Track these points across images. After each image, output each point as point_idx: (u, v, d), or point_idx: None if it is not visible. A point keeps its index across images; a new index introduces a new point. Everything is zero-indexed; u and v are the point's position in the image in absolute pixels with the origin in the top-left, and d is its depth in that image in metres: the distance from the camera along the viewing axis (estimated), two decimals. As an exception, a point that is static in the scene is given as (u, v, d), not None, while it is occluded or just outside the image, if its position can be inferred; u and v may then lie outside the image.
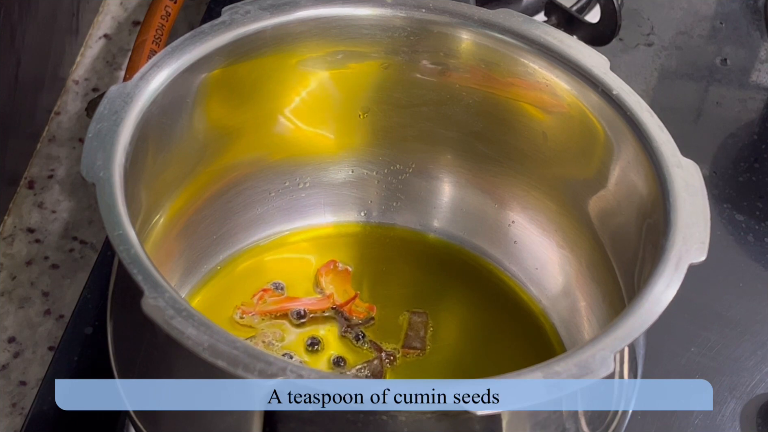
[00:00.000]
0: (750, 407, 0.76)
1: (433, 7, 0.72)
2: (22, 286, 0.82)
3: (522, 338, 0.75)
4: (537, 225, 0.76)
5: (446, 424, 0.57)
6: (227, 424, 0.60)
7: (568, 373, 0.56)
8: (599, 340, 0.58)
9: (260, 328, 0.74)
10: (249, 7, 0.70)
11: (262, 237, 0.78)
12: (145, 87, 0.66)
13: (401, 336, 0.74)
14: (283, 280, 0.76)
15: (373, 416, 0.57)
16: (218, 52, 0.68)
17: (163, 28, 0.83)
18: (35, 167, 0.88)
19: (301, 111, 0.75)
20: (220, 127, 0.72)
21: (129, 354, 0.64)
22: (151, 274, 0.58)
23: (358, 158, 0.78)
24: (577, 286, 0.74)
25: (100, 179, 0.61)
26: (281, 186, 0.78)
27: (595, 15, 0.87)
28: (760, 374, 0.78)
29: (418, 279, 0.77)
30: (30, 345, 0.79)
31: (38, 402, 0.75)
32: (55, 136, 0.89)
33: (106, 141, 0.63)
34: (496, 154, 0.75)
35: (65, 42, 0.92)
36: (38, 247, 0.84)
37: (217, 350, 0.55)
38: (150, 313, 0.56)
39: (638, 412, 0.67)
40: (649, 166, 0.66)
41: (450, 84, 0.74)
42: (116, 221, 0.60)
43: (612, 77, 0.69)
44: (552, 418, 0.60)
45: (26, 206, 0.86)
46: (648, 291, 0.60)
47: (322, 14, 0.71)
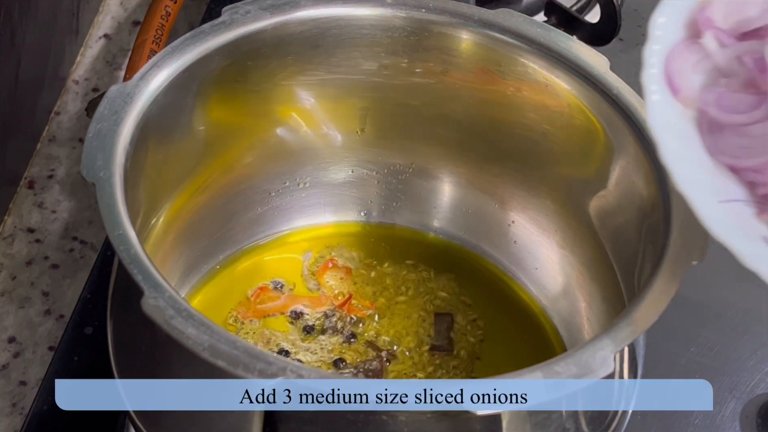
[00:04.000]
0: (750, 407, 0.76)
1: (433, 7, 0.72)
2: (22, 286, 0.82)
3: (522, 338, 0.75)
4: (537, 225, 0.76)
5: (446, 423, 0.57)
6: (227, 424, 0.60)
7: (568, 373, 0.56)
8: (599, 340, 0.58)
9: (260, 328, 0.74)
10: (249, 7, 0.70)
11: (262, 237, 0.78)
12: (145, 87, 0.66)
13: (401, 336, 0.74)
14: (283, 279, 0.76)
15: (373, 416, 0.57)
16: (218, 52, 0.68)
17: (163, 28, 0.83)
18: (35, 167, 0.88)
19: (301, 111, 0.75)
20: (220, 126, 0.72)
21: (129, 354, 0.64)
22: (151, 274, 0.58)
23: (358, 158, 0.78)
24: (577, 286, 0.74)
25: (100, 179, 0.61)
26: (281, 186, 0.78)
27: (595, 15, 0.87)
28: (760, 374, 0.78)
29: (417, 279, 0.77)
30: (30, 345, 0.79)
31: (38, 402, 0.75)
32: (55, 136, 0.89)
33: (106, 141, 0.63)
34: (496, 154, 0.75)
35: (65, 42, 0.92)
36: (38, 247, 0.84)
37: (217, 350, 0.55)
38: (150, 313, 0.56)
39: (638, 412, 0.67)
40: (649, 166, 0.66)
41: (450, 84, 0.74)
42: (116, 221, 0.60)
43: (612, 77, 0.69)
44: (552, 418, 0.60)
45: (26, 206, 0.86)
46: (648, 291, 0.60)
47: (322, 14, 0.71)
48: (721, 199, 0.56)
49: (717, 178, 0.57)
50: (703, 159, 0.57)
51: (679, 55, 0.59)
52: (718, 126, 0.58)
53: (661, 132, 0.56)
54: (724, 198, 0.56)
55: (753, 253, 0.54)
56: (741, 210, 0.56)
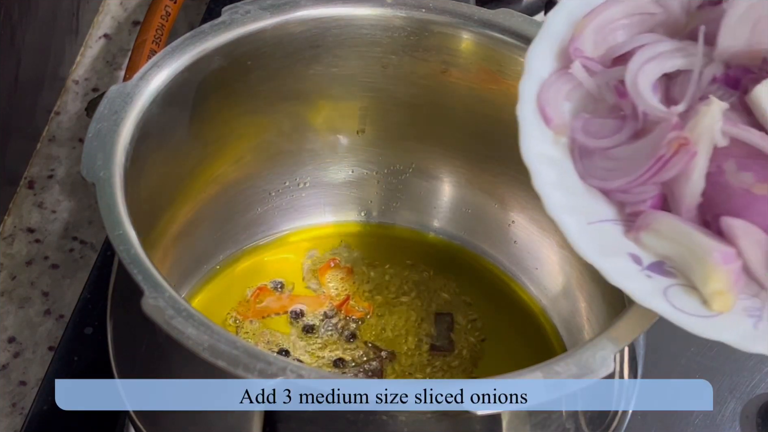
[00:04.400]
0: (750, 407, 0.76)
1: (433, 7, 0.72)
2: (22, 286, 0.82)
3: (522, 338, 0.75)
4: (537, 225, 0.76)
5: (447, 423, 0.57)
6: (227, 424, 0.60)
7: (568, 373, 0.56)
8: (599, 340, 0.58)
9: (259, 328, 0.74)
10: (249, 7, 0.70)
11: (262, 237, 0.78)
12: (145, 87, 0.66)
13: (401, 336, 0.74)
14: (283, 279, 0.76)
15: (373, 416, 0.57)
16: (218, 52, 0.68)
17: (163, 28, 0.83)
18: (35, 167, 0.88)
19: (301, 111, 0.75)
20: (220, 126, 0.72)
21: (129, 354, 0.64)
22: (151, 274, 0.58)
23: (358, 158, 0.78)
24: (577, 286, 0.74)
25: (100, 179, 0.61)
26: (281, 186, 0.78)
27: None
28: (760, 374, 0.78)
29: (417, 279, 0.77)
30: (30, 345, 0.79)
31: (38, 402, 0.75)
32: (55, 136, 0.89)
33: (106, 141, 0.63)
34: (496, 154, 0.75)
35: (65, 42, 0.92)
36: (38, 247, 0.84)
37: (217, 350, 0.55)
38: (150, 312, 0.56)
39: (638, 412, 0.67)
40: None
41: (450, 84, 0.74)
42: (116, 221, 0.60)
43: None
44: (552, 418, 0.60)
45: (26, 206, 0.86)
46: (648, 291, 0.60)
47: (322, 14, 0.71)
48: (592, 220, 0.59)
49: (589, 201, 0.60)
50: (576, 184, 0.60)
51: (551, 86, 0.61)
52: (588, 151, 0.61)
53: (533, 161, 0.60)
54: (595, 219, 0.59)
55: (617, 270, 0.58)
56: (610, 229, 0.60)
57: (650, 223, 0.59)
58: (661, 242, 0.59)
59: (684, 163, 0.58)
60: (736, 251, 0.58)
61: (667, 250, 0.59)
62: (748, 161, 0.59)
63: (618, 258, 0.59)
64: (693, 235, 0.58)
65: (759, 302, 0.59)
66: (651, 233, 0.59)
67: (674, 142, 0.58)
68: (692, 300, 0.58)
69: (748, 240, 0.58)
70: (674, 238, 0.59)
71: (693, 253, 0.58)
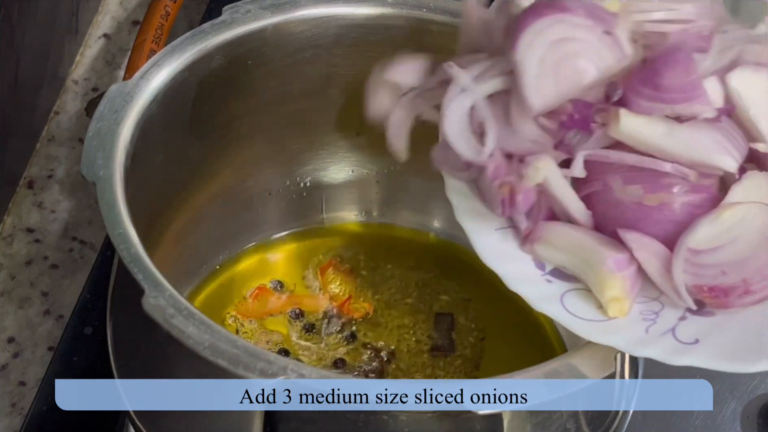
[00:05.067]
0: (751, 407, 0.76)
1: (433, 6, 0.72)
2: (22, 286, 0.82)
3: (522, 338, 0.75)
4: (537, 225, 0.76)
5: (447, 423, 0.57)
6: (227, 423, 0.60)
7: (568, 373, 0.56)
8: (600, 339, 0.58)
9: (259, 328, 0.74)
10: (249, 6, 0.70)
11: (262, 237, 0.78)
12: (145, 86, 0.66)
13: (402, 336, 0.74)
14: (283, 279, 0.76)
15: (373, 416, 0.57)
16: (218, 51, 0.68)
17: (162, 27, 0.83)
18: (35, 167, 0.88)
19: (301, 110, 0.75)
20: (220, 126, 0.72)
21: (129, 354, 0.64)
22: (152, 273, 0.58)
23: (358, 158, 0.78)
24: (577, 286, 0.74)
25: (100, 178, 0.61)
26: (281, 186, 0.78)
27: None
28: (760, 374, 0.78)
29: (418, 279, 0.77)
30: (30, 345, 0.79)
31: (38, 402, 0.75)
32: (55, 135, 0.89)
33: (106, 140, 0.63)
34: (496, 154, 0.75)
35: (65, 42, 0.92)
36: (38, 247, 0.84)
37: (218, 349, 0.55)
38: (151, 311, 0.56)
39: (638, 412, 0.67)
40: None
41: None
42: (116, 220, 0.60)
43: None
44: (552, 418, 0.60)
45: (26, 206, 0.86)
46: (649, 291, 0.60)
47: (323, 13, 0.71)
48: (500, 226, 0.62)
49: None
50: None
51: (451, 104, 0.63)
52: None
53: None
54: (503, 225, 0.62)
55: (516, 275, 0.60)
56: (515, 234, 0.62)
57: (542, 234, 0.61)
58: (556, 253, 0.61)
59: (532, 196, 0.60)
60: (629, 255, 0.59)
61: (562, 260, 0.61)
62: (634, 174, 0.60)
63: (521, 263, 0.60)
64: (586, 244, 0.59)
65: (658, 305, 0.59)
66: (544, 245, 0.61)
67: (504, 188, 0.59)
68: (588, 304, 0.59)
69: (646, 251, 0.59)
70: (567, 248, 0.60)
71: (587, 262, 0.59)
